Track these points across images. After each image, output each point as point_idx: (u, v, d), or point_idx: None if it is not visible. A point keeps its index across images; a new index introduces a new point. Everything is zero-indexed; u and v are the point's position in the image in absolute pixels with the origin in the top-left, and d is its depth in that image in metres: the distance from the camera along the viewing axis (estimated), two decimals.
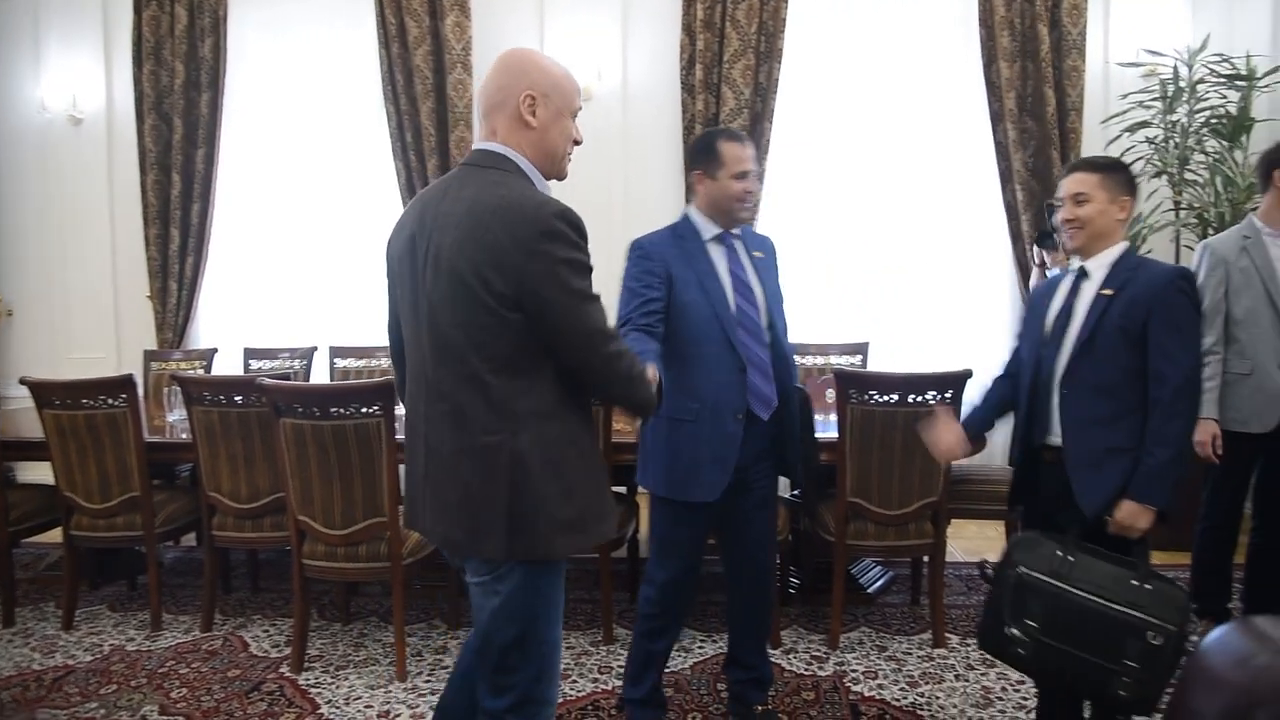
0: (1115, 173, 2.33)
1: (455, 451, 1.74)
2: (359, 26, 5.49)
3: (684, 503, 2.48)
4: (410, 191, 5.42)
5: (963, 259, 5.35)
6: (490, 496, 1.71)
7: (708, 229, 2.54)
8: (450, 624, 3.55)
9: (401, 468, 2.14)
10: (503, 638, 1.78)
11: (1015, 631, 2.10)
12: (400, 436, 3.41)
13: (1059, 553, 2.13)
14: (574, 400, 1.78)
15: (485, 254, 1.65)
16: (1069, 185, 2.35)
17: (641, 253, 2.50)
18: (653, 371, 1.92)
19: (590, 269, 1.72)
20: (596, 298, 1.72)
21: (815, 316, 5.26)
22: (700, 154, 2.56)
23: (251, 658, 3.32)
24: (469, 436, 1.72)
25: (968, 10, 5.22)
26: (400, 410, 4.06)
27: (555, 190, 1.82)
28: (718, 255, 2.54)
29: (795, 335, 5.02)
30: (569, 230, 1.67)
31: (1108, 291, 2.24)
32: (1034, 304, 2.48)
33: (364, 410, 2.96)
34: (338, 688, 3.07)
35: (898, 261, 5.38)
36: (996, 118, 5.19)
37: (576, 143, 1.87)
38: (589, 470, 1.81)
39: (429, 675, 3.14)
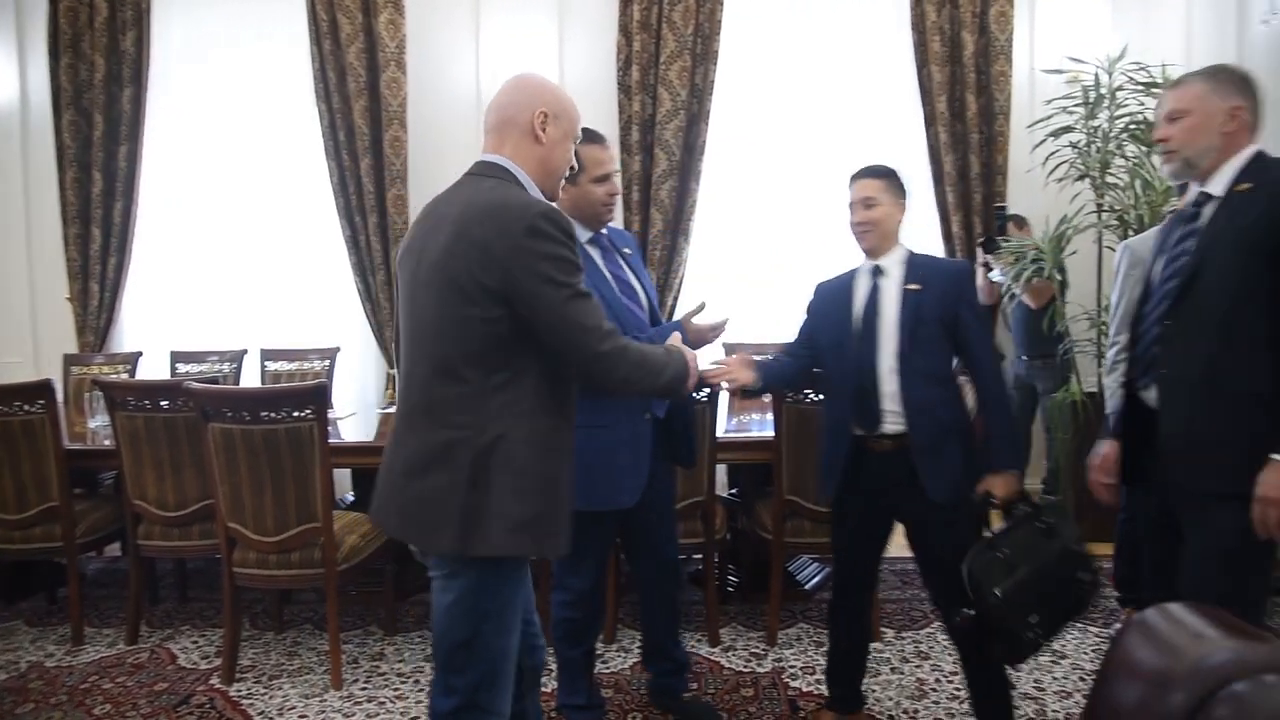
0: (895, 179, 2.57)
1: (421, 444, 1.76)
2: (289, 22, 5.37)
3: (593, 511, 2.42)
4: (343, 191, 5.32)
5: None
6: (448, 490, 1.72)
7: (581, 233, 2.50)
8: (387, 630, 3.49)
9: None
10: (452, 637, 1.79)
11: (1030, 634, 2.21)
12: (334, 440, 3.38)
13: (999, 555, 2.23)
14: (554, 406, 1.80)
15: (473, 250, 1.69)
16: (859, 190, 2.55)
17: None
18: (675, 342, 1.98)
19: (579, 268, 1.75)
20: (587, 294, 1.75)
21: (754, 317, 5.31)
22: None
23: (180, 670, 3.22)
24: (436, 430, 1.74)
25: (900, 15, 5.32)
26: (333, 414, 4.02)
27: None
28: (596, 258, 2.56)
29: (733, 336, 5.07)
30: (553, 229, 1.71)
31: (915, 287, 2.44)
32: (825, 299, 2.65)
33: (296, 414, 2.90)
34: (271, 698, 3.00)
35: (835, 262, 5.44)
36: (928, 121, 5.31)
37: (571, 168, 1.96)
38: (552, 477, 1.80)
39: (365, 683, 3.09)
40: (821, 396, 3.06)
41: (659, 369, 1.86)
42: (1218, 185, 2.01)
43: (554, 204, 1.83)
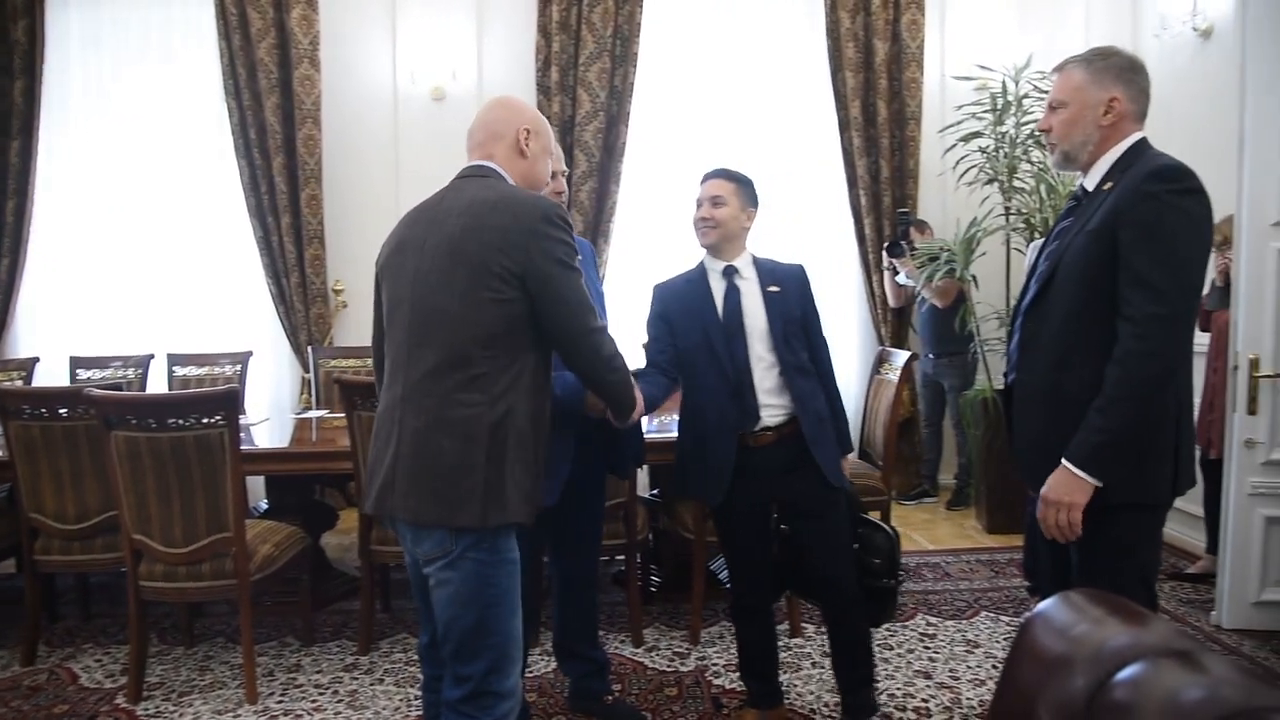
0: (747, 186, 2.63)
1: (435, 422, 1.82)
2: (197, 14, 5.20)
3: None
4: (254, 190, 5.17)
5: (814, 259, 5.54)
6: (469, 465, 1.80)
7: None
8: (304, 641, 3.40)
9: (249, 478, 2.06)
10: (461, 625, 1.85)
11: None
12: (246, 447, 3.28)
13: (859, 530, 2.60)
14: (544, 385, 1.95)
15: (493, 235, 1.82)
16: (708, 189, 2.60)
17: None
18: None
19: (578, 256, 1.91)
20: (579, 272, 1.90)
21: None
22: None
23: (82, 690, 3.08)
24: (450, 408, 1.82)
25: (816, 22, 5.43)
26: (245, 420, 3.90)
27: None
28: None
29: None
30: (562, 219, 1.88)
31: (775, 288, 2.57)
32: (677, 301, 2.65)
33: (205, 420, 2.80)
34: (181, 715, 2.89)
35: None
36: (842, 126, 5.43)
37: (546, 183, 2.14)
38: (542, 450, 1.95)
39: (281, 695, 3.01)
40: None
41: (628, 377, 2.06)
42: (1093, 179, 1.98)
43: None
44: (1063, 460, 1.86)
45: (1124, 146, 1.95)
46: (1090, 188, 1.98)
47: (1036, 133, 4.88)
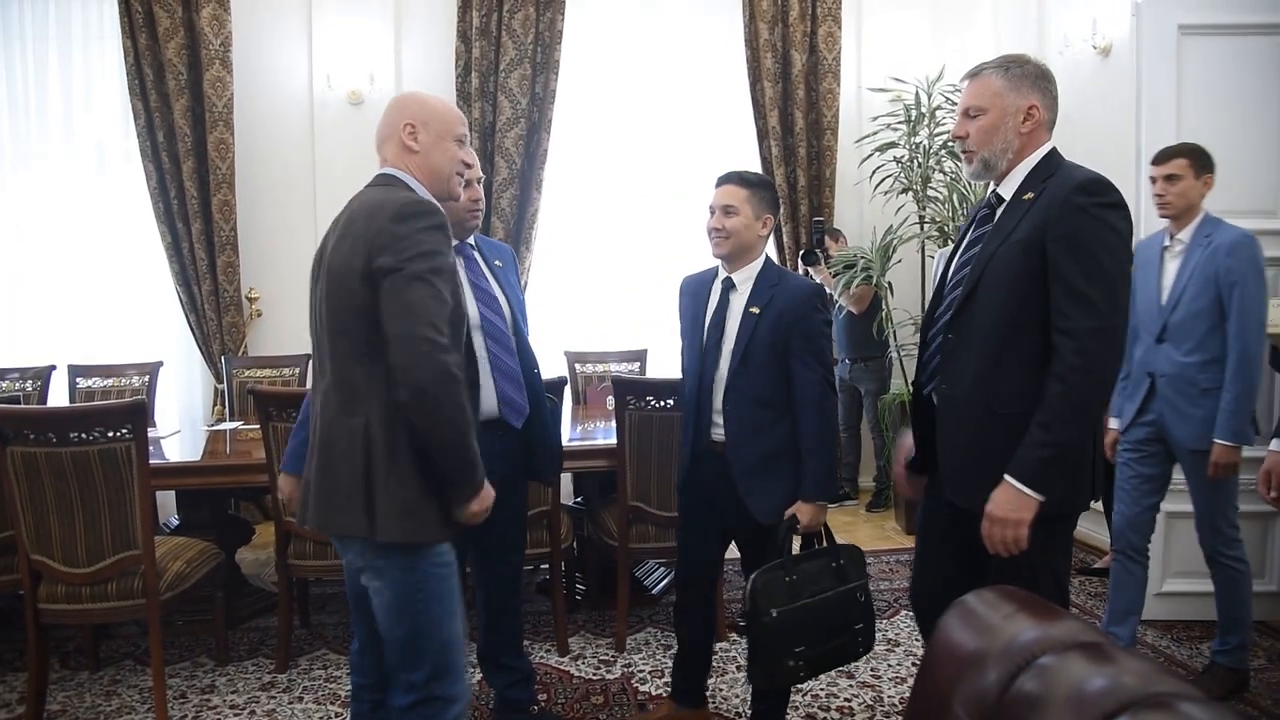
0: (763, 190, 2.50)
1: (325, 434, 1.86)
2: (99, 10, 5.00)
3: None
4: (163, 195, 5.00)
5: None
6: (346, 473, 1.80)
7: None
8: (218, 660, 3.29)
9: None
10: (396, 635, 1.86)
11: (793, 662, 2.24)
12: (156, 461, 3.16)
13: (786, 579, 2.27)
14: None
15: (351, 240, 1.81)
16: (720, 196, 2.49)
17: None
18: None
19: (439, 258, 1.79)
20: (432, 284, 1.75)
21: (594, 324, 5.34)
22: None
23: None
24: (336, 417, 1.83)
25: (735, 33, 5.51)
26: (154, 432, 3.76)
27: None
28: (458, 266, 2.52)
29: (576, 344, 5.08)
30: (421, 217, 1.78)
31: (755, 310, 2.42)
32: (688, 297, 2.64)
33: (111, 434, 2.69)
34: None
35: (673, 270, 5.56)
36: (761, 135, 5.51)
37: (467, 164, 2.11)
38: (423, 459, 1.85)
39: (195, 718, 2.90)
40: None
41: (468, 437, 1.80)
42: (1009, 188, 1.97)
43: (427, 201, 1.87)
44: (1006, 477, 1.84)
45: (1039, 155, 1.96)
46: (1007, 196, 1.97)
47: (949, 143, 5.04)
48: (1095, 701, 0.78)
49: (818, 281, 5.22)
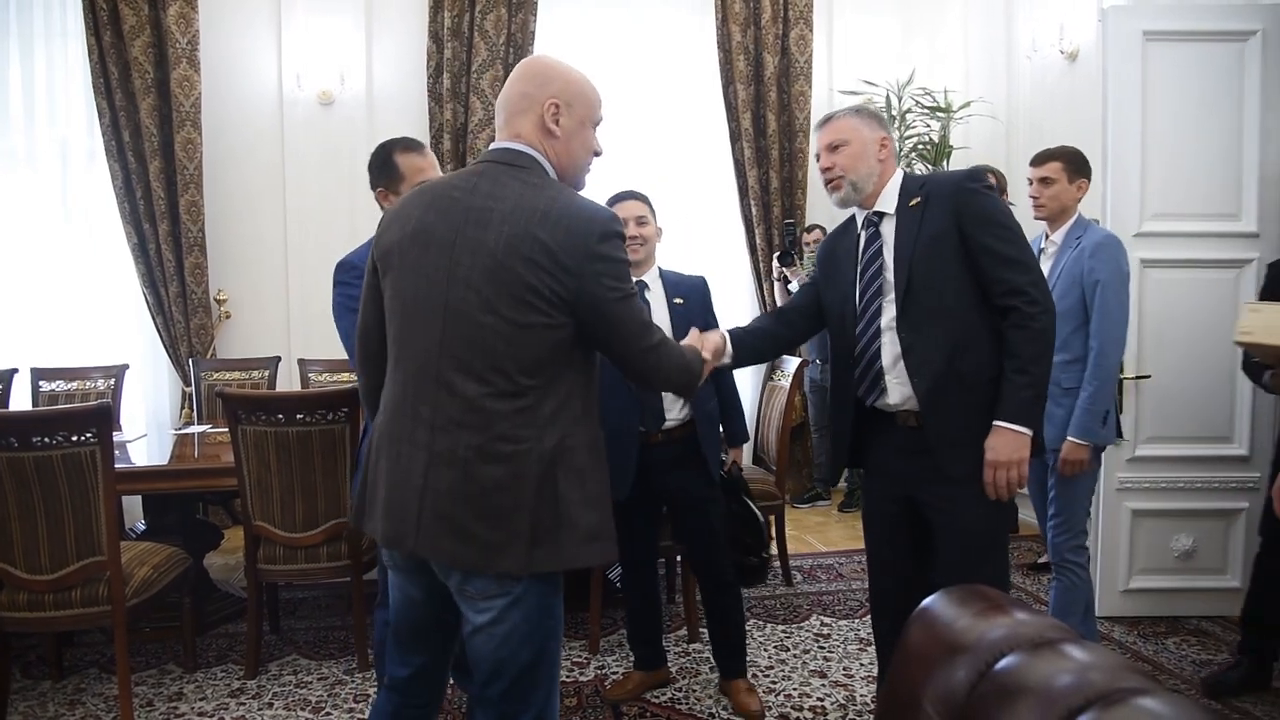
0: (651, 204, 2.93)
1: (476, 458, 1.62)
2: (62, 6, 4.93)
3: None
4: (129, 195, 4.92)
5: (706, 268, 5.60)
6: (515, 505, 1.61)
7: None
8: (186, 667, 3.24)
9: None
10: (517, 663, 1.68)
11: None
12: (122, 465, 3.11)
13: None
14: (593, 408, 1.77)
15: (542, 255, 1.59)
16: (633, 209, 2.84)
17: (355, 272, 2.42)
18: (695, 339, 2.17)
19: (630, 269, 1.76)
20: (635, 294, 1.74)
21: None
22: (379, 170, 2.53)
23: None
24: (494, 441, 1.62)
25: (707, 35, 5.52)
26: (120, 436, 3.71)
27: None
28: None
29: None
30: (618, 237, 1.69)
31: (679, 301, 2.87)
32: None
33: (75, 438, 2.65)
34: None
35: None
36: (733, 137, 5.53)
37: (596, 154, 1.85)
38: (606, 481, 1.76)
39: None
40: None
41: (691, 363, 1.93)
42: (887, 204, 2.24)
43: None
44: (998, 423, 2.07)
45: (898, 178, 2.27)
46: (890, 209, 2.24)
47: (920, 145, 5.09)
48: (1062, 697, 0.79)
49: (795, 283, 5.25)
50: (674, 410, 2.79)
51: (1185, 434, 3.44)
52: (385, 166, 2.49)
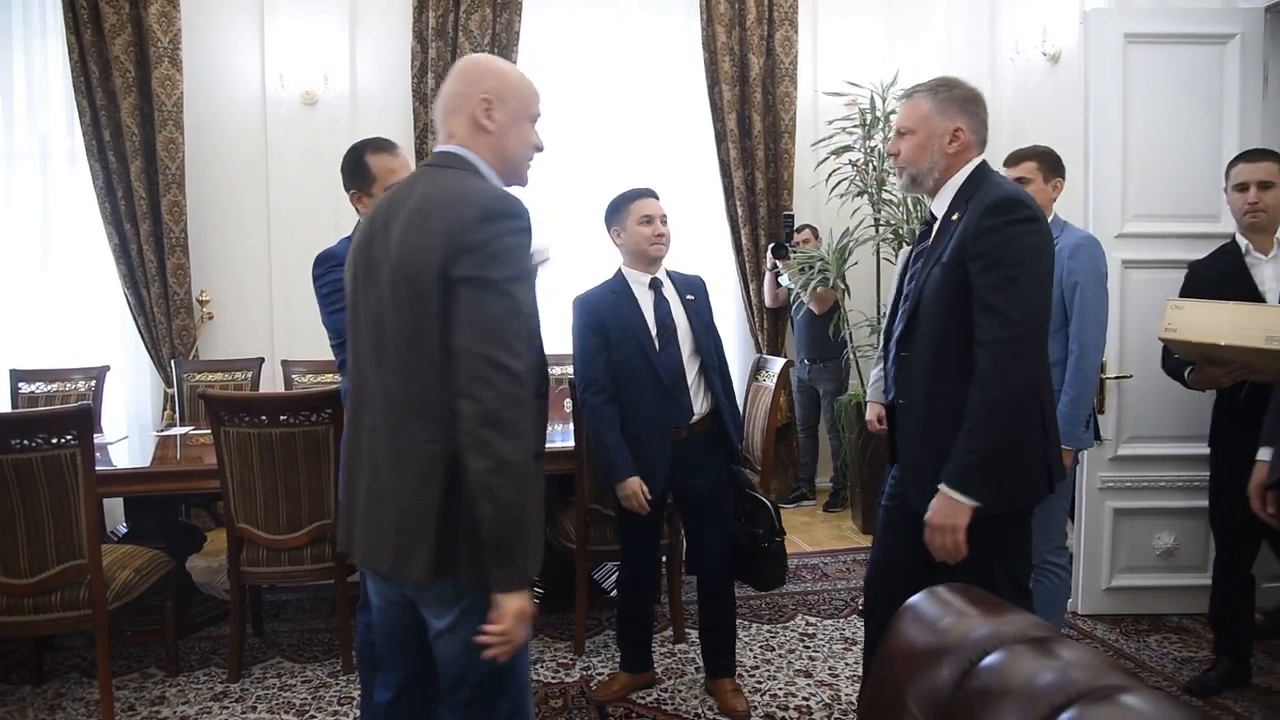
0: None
1: (393, 461, 1.60)
2: (41, 4, 4.87)
3: None
4: (110, 195, 4.88)
5: (692, 268, 5.60)
6: (425, 510, 1.56)
7: None
8: (168, 671, 3.22)
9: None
10: (479, 669, 1.63)
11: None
12: (102, 468, 3.08)
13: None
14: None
15: (425, 239, 1.55)
16: (657, 207, 2.88)
17: (335, 260, 2.44)
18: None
19: (523, 270, 1.58)
20: (513, 297, 1.54)
21: (551, 327, 5.31)
22: (352, 172, 2.53)
23: None
24: (407, 442, 1.59)
25: (693, 36, 5.52)
26: (101, 438, 3.67)
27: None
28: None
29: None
30: (509, 219, 1.57)
31: (690, 297, 2.98)
32: (604, 314, 2.88)
33: (55, 441, 2.63)
34: None
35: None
36: (719, 137, 5.53)
37: (538, 149, 1.82)
38: (531, 489, 1.60)
39: None
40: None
41: (525, 471, 1.55)
42: (940, 205, 2.14)
43: (511, 195, 1.64)
44: (940, 485, 1.97)
45: (966, 172, 2.11)
46: (939, 214, 2.13)
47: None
48: (1045, 695, 0.79)
49: (786, 278, 5.25)
50: (698, 403, 2.87)
51: (1167, 433, 3.46)
52: (357, 168, 2.48)
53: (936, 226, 2.13)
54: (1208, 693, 2.94)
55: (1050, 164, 2.93)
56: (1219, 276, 2.92)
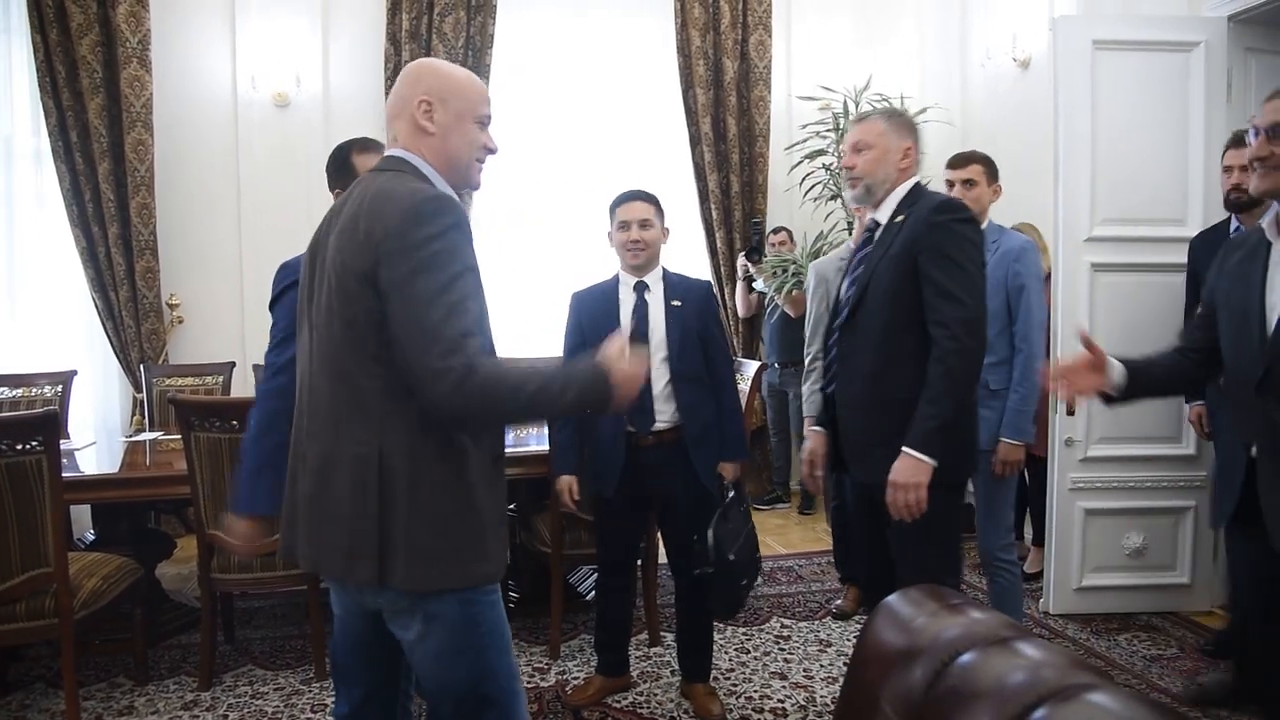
0: (659, 205, 2.93)
1: (328, 463, 1.58)
2: (6, 2, 4.80)
3: None
4: (77, 197, 4.81)
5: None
6: (359, 513, 1.53)
7: None
8: (137, 680, 3.16)
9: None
10: (459, 681, 1.61)
11: (744, 588, 2.81)
12: (69, 474, 3.04)
13: (729, 525, 2.75)
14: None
15: (355, 241, 1.55)
16: (636, 211, 2.85)
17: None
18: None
19: (463, 266, 1.54)
20: (450, 292, 1.50)
21: (526, 330, 5.31)
22: (337, 172, 2.51)
23: None
24: (341, 444, 1.57)
25: (667, 39, 5.54)
26: (68, 444, 3.62)
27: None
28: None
29: (508, 348, 5.01)
30: (438, 218, 1.53)
31: (678, 303, 2.87)
32: (585, 311, 2.96)
33: (20, 446, 2.58)
34: None
35: (608, 276, 5.57)
36: (693, 141, 5.55)
37: (490, 150, 1.79)
38: (458, 497, 1.58)
39: None
40: None
41: (544, 387, 1.58)
42: (884, 214, 2.32)
43: (441, 193, 1.61)
44: (904, 448, 2.14)
45: (908, 186, 2.33)
46: (883, 220, 2.33)
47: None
48: (1016, 694, 0.80)
49: (760, 283, 5.27)
50: (665, 413, 2.79)
51: (1135, 434, 3.51)
52: (343, 168, 2.46)
53: (880, 232, 2.32)
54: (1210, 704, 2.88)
55: (992, 170, 3.06)
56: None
